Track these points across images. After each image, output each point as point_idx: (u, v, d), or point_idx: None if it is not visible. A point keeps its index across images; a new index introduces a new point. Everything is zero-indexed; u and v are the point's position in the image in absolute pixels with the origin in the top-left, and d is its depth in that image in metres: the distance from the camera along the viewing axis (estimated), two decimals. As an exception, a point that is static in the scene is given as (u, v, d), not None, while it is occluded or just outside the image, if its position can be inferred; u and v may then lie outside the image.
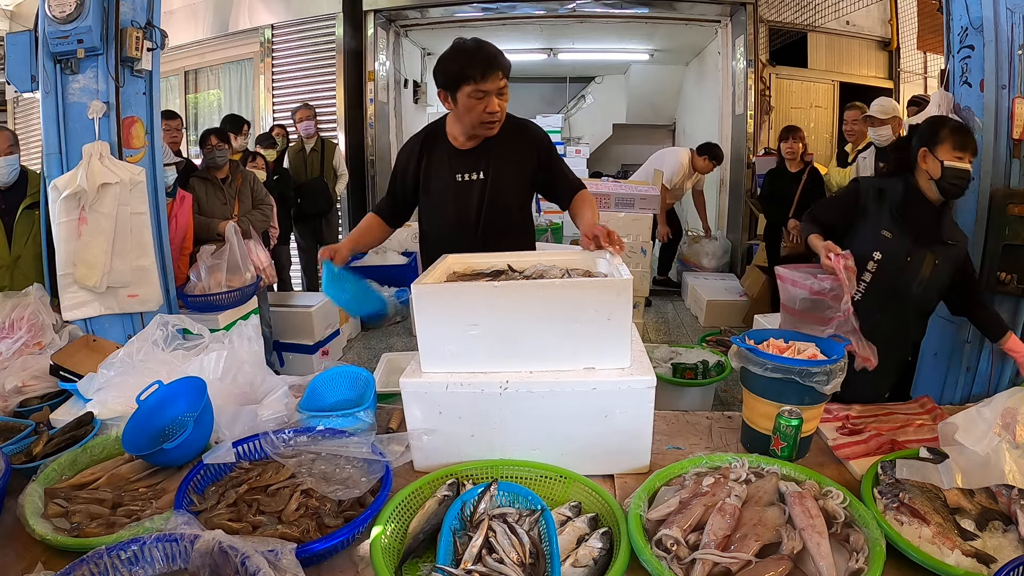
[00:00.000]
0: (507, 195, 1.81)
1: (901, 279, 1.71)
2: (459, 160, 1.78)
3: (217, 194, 3.27)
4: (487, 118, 1.66)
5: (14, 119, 7.02)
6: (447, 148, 1.79)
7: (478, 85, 1.60)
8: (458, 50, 1.64)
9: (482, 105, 1.63)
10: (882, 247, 1.72)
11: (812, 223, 1.80)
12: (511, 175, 1.80)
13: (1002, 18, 1.72)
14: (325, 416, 1.43)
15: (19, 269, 2.40)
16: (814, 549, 1.02)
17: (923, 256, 1.69)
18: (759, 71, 5.34)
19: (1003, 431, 1.21)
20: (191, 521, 1.03)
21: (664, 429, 1.57)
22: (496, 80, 1.62)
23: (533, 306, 1.30)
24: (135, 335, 1.79)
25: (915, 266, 1.70)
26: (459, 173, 1.78)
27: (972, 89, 1.85)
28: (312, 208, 4.82)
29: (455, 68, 1.63)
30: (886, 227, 1.72)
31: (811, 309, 1.65)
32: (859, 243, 1.73)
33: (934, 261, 1.69)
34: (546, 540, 1.07)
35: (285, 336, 3.83)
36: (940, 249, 1.70)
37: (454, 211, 1.80)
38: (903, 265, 1.70)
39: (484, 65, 1.60)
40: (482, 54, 1.61)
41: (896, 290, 1.71)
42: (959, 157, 1.61)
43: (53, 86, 2.14)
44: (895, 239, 1.70)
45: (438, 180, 1.80)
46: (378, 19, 5.70)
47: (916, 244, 1.69)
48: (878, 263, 1.72)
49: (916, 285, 1.71)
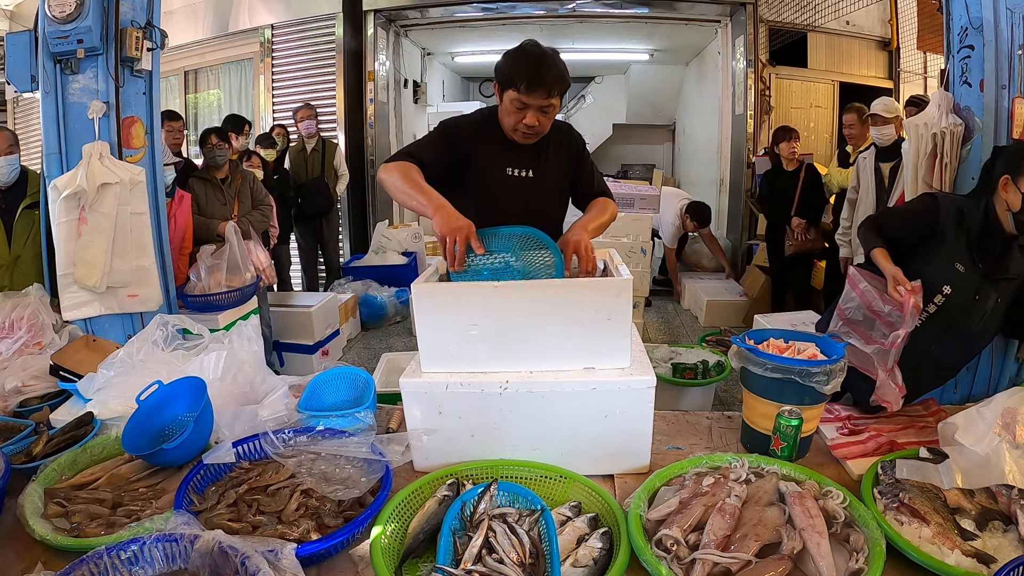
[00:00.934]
0: (552, 196, 1.78)
1: (965, 316, 1.58)
2: (514, 155, 1.72)
3: (217, 194, 3.27)
4: (523, 128, 1.61)
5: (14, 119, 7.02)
6: (501, 139, 1.71)
7: (520, 96, 1.56)
8: (520, 53, 1.58)
9: (520, 115, 1.59)
10: (954, 282, 1.56)
11: (877, 234, 1.64)
12: (558, 178, 1.77)
13: (1002, 18, 1.72)
14: (325, 416, 1.43)
15: (19, 269, 2.40)
16: (814, 549, 1.02)
17: (989, 294, 1.56)
18: (759, 71, 5.34)
19: (1003, 431, 1.21)
20: (191, 521, 1.03)
21: (664, 429, 1.57)
22: (539, 98, 1.56)
23: (533, 306, 1.30)
24: (135, 335, 1.79)
25: (981, 304, 1.57)
26: (511, 167, 1.72)
27: (972, 89, 1.85)
28: (312, 208, 4.83)
29: (509, 70, 1.57)
30: (960, 259, 1.56)
31: (861, 323, 1.58)
32: (931, 271, 1.57)
33: (996, 299, 1.57)
34: (546, 540, 1.07)
35: (285, 336, 3.83)
36: (1004, 285, 1.57)
37: (499, 205, 1.69)
38: (970, 303, 1.56)
39: (532, 80, 1.54)
40: (535, 68, 1.54)
41: (958, 325, 1.58)
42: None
43: (53, 86, 2.14)
44: (967, 274, 1.56)
45: (489, 169, 1.71)
46: (378, 19, 5.70)
47: (985, 281, 1.56)
48: (946, 297, 1.57)
49: (977, 323, 1.58)
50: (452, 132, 1.70)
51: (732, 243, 5.70)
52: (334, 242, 5.28)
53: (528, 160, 1.73)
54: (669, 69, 7.86)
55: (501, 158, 1.71)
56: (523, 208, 1.70)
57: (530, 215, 1.68)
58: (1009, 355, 1.83)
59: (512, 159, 1.72)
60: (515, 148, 1.71)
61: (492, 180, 1.71)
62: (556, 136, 1.76)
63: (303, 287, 5.16)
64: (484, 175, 1.70)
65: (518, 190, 1.72)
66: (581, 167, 1.82)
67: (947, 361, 1.66)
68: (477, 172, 1.70)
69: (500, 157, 1.71)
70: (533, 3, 5.61)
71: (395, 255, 5.17)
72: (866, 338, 1.56)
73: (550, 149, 1.75)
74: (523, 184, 1.73)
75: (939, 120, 1.88)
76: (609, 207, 1.75)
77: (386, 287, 4.89)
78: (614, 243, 3.88)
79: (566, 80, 1.59)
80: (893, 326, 1.50)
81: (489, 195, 1.69)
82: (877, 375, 1.51)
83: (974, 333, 1.60)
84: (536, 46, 1.58)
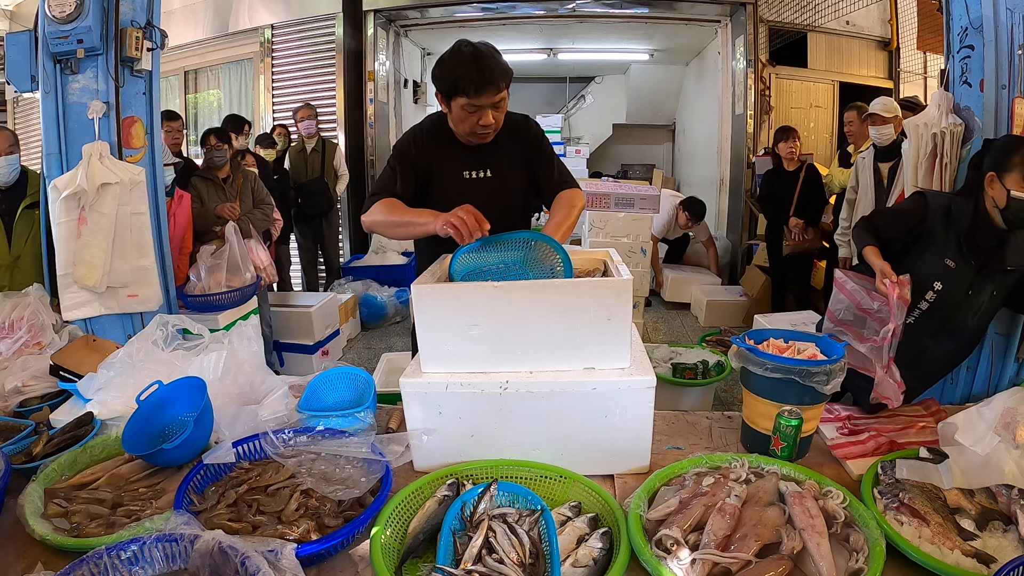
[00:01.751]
0: (513, 194, 1.77)
1: (959, 311, 1.60)
2: (469, 157, 1.72)
3: (218, 194, 3.27)
4: (480, 130, 1.61)
5: (14, 119, 7.02)
6: (455, 143, 1.72)
7: (471, 100, 1.55)
8: (455, 58, 1.56)
9: (475, 118, 1.58)
10: (944, 278, 1.59)
11: (869, 233, 1.66)
12: (516, 173, 1.76)
13: (1002, 18, 1.72)
14: (325, 416, 1.43)
15: (19, 269, 2.40)
16: (814, 549, 1.02)
17: (984, 288, 1.58)
18: (759, 71, 5.34)
19: (1003, 431, 1.21)
20: (191, 521, 1.03)
21: (664, 429, 1.57)
22: (490, 96, 1.55)
23: (533, 306, 1.30)
24: (135, 335, 1.79)
25: (975, 299, 1.59)
26: (467, 170, 1.73)
27: (972, 89, 1.85)
28: (313, 208, 4.83)
29: (450, 78, 1.56)
30: (951, 255, 1.59)
31: (852, 323, 1.60)
32: (921, 268, 1.60)
33: (992, 292, 1.58)
34: (546, 540, 1.07)
35: (285, 336, 3.83)
36: (1000, 278, 1.58)
37: None
38: (963, 298, 1.59)
39: (478, 81, 1.53)
40: (476, 69, 1.52)
41: (952, 321, 1.60)
42: None
43: (53, 86, 2.14)
44: (959, 269, 1.58)
45: (447, 176, 1.73)
46: (378, 19, 5.70)
47: (979, 275, 1.57)
48: (938, 293, 1.60)
49: (972, 317, 1.61)
50: (408, 152, 1.72)
51: (732, 243, 5.70)
52: (334, 242, 5.28)
53: (484, 160, 1.72)
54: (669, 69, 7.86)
55: (457, 162, 1.72)
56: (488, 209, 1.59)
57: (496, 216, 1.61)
58: (1009, 355, 1.83)
59: (468, 162, 1.72)
60: (469, 150, 1.71)
61: (452, 186, 1.71)
62: (511, 130, 1.74)
63: (303, 287, 5.17)
64: (444, 182, 1.71)
65: (478, 192, 1.69)
66: (539, 157, 1.78)
67: (944, 356, 1.67)
68: (437, 181, 1.72)
69: (456, 161, 1.72)
70: (533, 3, 5.61)
71: (395, 255, 5.17)
72: (859, 337, 1.57)
73: (506, 145, 1.73)
74: (482, 185, 1.72)
75: (939, 120, 1.88)
76: (576, 201, 1.71)
77: (386, 287, 4.90)
78: (614, 243, 3.88)
79: (509, 70, 1.58)
80: (884, 321, 1.50)
81: (451, 201, 1.62)
82: (875, 373, 1.52)
83: (969, 327, 1.62)
84: (468, 45, 1.57)
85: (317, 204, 4.84)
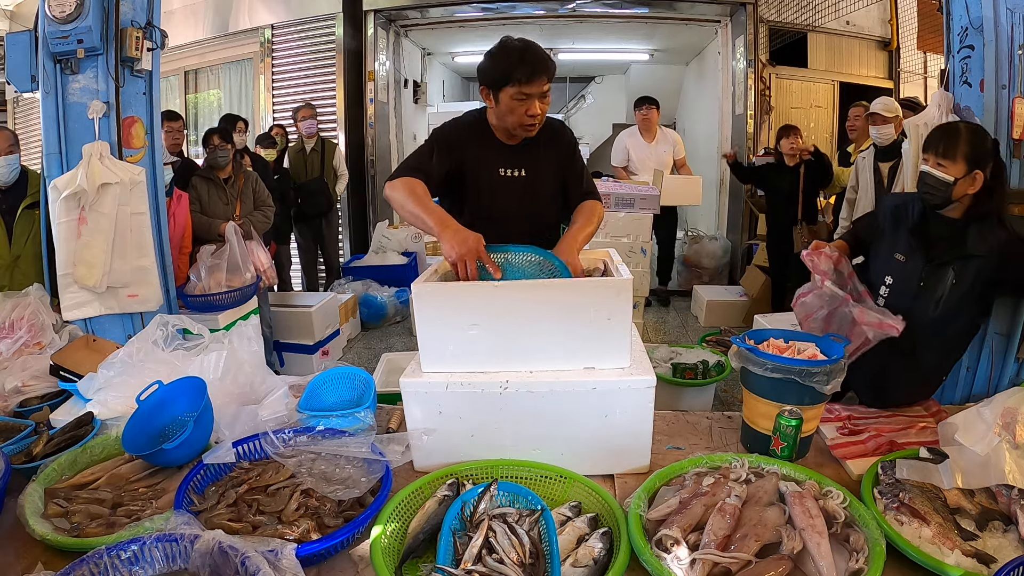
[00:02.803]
0: (544, 197, 1.78)
1: (916, 304, 1.59)
2: (506, 156, 1.74)
3: (219, 194, 3.27)
4: (528, 120, 1.62)
5: (14, 119, 7.02)
6: (493, 141, 1.74)
7: (522, 88, 1.56)
8: (506, 49, 1.60)
9: (524, 107, 1.60)
10: (894, 272, 1.64)
11: (850, 232, 1.81)
12: (550, 176, 1.78)
13: (1002, 18, 1.72)
14: (325, 416, 1.43)
15: (19, 269, 2.40)
16: (814, 549, 1.02)
17: (940, 277, 1.57)
18: (759, 71, 5.34)
19: (1003, 431, 1.21)
20: (191, 521, 1.03)
21: (664, 429, 1.57)
22: (540, 84, 1.58)
23: (533, 306, 1.30)
24: (135, 335, 1.79)
25: (930, 289, 1.58)
26: (503, 168, 1.74)
27: (972, 89, 1.85)
28: (313, 208, 4.82)
29: (501, 68, 1.59)
30: (901, 250, 1.63)
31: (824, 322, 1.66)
32: (875, 265, 1.69)
33: (952, 281, 1.56)
34: (546, 540, 1.07)
35: (285, 336, 3.83)
36: (960, 267, 1.55)
37: (493, 206, 1.73)
38: (916, 291, 1.60)
39: (531, 68, 1.56)
40: (529, 57, 1.57)
41: (910, 313, 1.57)
42: (940, 165, 1.50)
43: (53, 86, 2.14)
44: (907, 263, 1.62)
45: (482, 171, 1.73)
46: (378, 19, 5.70)
47: (931, 265, 1.58)
48: (890, 288, 1.65)
49: (933, 308, 1.59)
50: (446, 138, 1.73)
51: (732, 243, 5.70)
52: (334, 242, 5.28)
53: (521, 160, 1.74)
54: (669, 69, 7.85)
55: (494, 159, 1.73)
56: (518, 208, 1.71)
57: (526, 215, 1.69)
58: (1009, 355, 1.83)
59: (505, 159, 1.73)
60: (507, 149, 1.73)
61: (486, 181, 1.72)
62: (549, 134, 1.77)
63: (303, 287, 5.16)
64: (478, 177, 1.72)
65: (512, 190, 1.73)
66: (572, 166, 1.82)
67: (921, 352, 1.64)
68: (471, 174, 1.72)
69: (493, 158, 1.73)
70: (533, 3, 5.61)
71: (395, 255, 5.16)
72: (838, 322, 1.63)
73: (542, 147, 1.75)
74: (517, 184, 1.74)
75: (939, 120, 1.88)
76: (596, 211, 1.76)
77: (386, 287, 4.89)
78: (614, 243, 3.88)
79: (554, 63, 1.62)
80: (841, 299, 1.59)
81: (483, 196, 1.71)
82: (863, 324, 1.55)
83: (936, 319, 1.59)
84: (515, 39, 1.61)
85: (317, 204, 4.83)
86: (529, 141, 1.72)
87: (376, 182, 5.93)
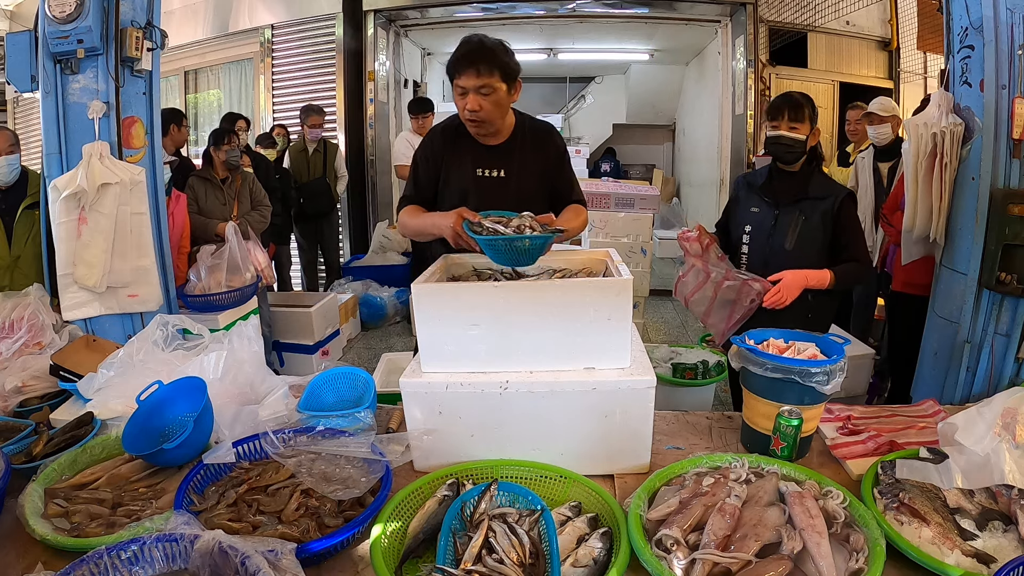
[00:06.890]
0: (528, 196, 1.76)
1: (772, 242, 1.96)
2: (482, 155, 1.74)
3: (216, 194, 3.27)
4: (467, 114, 1.62)
5: (14, 119, 7.02)
6: (470, 142, 1.74)
7: (456, 82, 1.59)
8: (459, 44, 1.62)
9: (463, 102, 1.60)
10: (751, 220, 2.01)
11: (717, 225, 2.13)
12: (533, 176, 1.77)
13: (1002, 18, 1.72)
14: (325, 416, 1.43)
15: (19, 269, 2.40)
16: (814, 549, 1.02)
17: (790, 217, 1.93)
18: (759, 71, 5.34)
19: (1003, 431, 1.21)
20: (191, 521, 1.03)
21: (664, 429, 1.57)
22: (470, 77, 1.56)
23: (533, 306, 1.30)
24: (135, 335, 1.79)
25: (782, 228, 1.94)
26: (480, 168, 1.74)
27: (972, 89, 1.85)
28: (314, 209, 4.82)
29: (449, 63, 1.62)
30: (755, 204, 2.01)
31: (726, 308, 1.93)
32: (735, 226, 2.07)
33: (801, 218, 1.92)
34: (546, 540, 1.07)
35: (285, 336, 3.83)
36: (808, 205, 1.92)
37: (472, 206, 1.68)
38: (770, 231, 1.96)
39: (459, 62, 1.57)
40: (461, 50, 1.58)
41: (772, 251, 1.95)
42: (793, 127, 1.87)
43: (53, 86, 2.14)
44: (762, 211, 1.99)
45: (458, 173, 1.75)
46: (378, 19, 5.70)
47: (781, 208, 1.94)
48: (749, 234, 2.01)
49: (788, 243, 1.93)
50: (423, 151, 1.80)
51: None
52: (334, 242, 5.28)
53: (499, 160, 1.74)
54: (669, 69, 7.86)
55: (470, 159, 1.75)
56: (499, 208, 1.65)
57: None
58: (1009, 355, 1.83)
59: (481, 159, 1.75)
60: (484, 149, 1.74)
61: (464, 180, 1.75)
62: (534, 136, 1.77)
63: (303, 287, 5.16)
64: (455, 177, 1.75)
65: (491, 190, 1.74)
66: (560, 173, 1.83)
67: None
68: (448, 175, 1.76)
69: (469, 158, 1.75)
70: (533, 3, 5.61)
71: (395, 255, 5.17)
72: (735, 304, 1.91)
73: (526, 149, 1.76)
74: (495, 184, 1.75)
75: (939, 120, 1.88)
76: (582, 214, 1.80)
77: (386, 287, 4.89)
78: (614, 243, 3.88)
79: (497, 59, 1.58)
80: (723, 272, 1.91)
81: (462, 196, 1.72)
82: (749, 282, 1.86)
83: (793, 253, 1.92)
84: (476, 36, 1.62)
85: (319, 205, 4.83)
86: (511, 141, 1.74)
87: (376, 182, 5.94)
